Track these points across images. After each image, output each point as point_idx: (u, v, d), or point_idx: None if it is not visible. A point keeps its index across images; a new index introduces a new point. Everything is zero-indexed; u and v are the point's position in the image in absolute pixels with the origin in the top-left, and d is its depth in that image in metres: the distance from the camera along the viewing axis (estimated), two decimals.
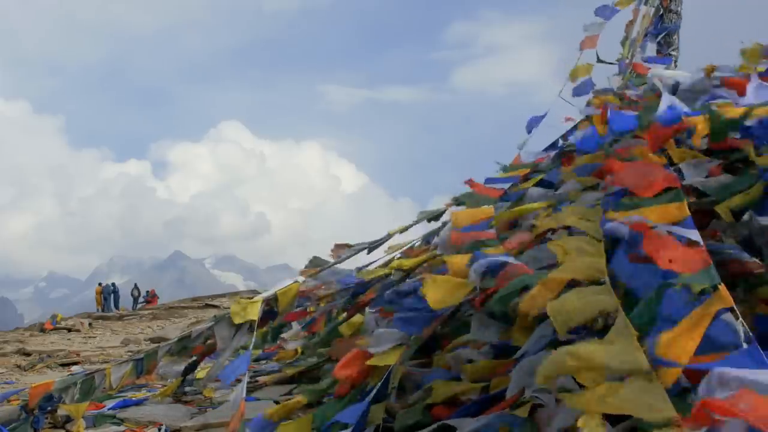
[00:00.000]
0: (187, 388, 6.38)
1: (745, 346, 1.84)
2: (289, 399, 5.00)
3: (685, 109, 3.38)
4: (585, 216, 2.81)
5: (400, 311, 3.50)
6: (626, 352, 1.79)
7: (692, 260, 2.12)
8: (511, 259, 2.81)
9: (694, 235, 2.26)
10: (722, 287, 1.96)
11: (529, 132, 6.46)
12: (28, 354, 13.62)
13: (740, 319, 1.87)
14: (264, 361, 8.07)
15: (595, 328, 2.22)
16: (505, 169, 4.81)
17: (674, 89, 4.12)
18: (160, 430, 4.89)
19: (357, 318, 5.65)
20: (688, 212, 2.44)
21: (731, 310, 1.90)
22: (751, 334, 1.85)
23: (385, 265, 4.92)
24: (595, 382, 1.77)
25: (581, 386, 1.82)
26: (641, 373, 1.72)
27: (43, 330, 20.94)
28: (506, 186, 4.41)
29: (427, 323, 3.36)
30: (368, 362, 3.20)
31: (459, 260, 3.06)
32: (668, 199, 2.57)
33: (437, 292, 2.90)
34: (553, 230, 3.11)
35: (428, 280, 2.98)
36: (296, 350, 7.81)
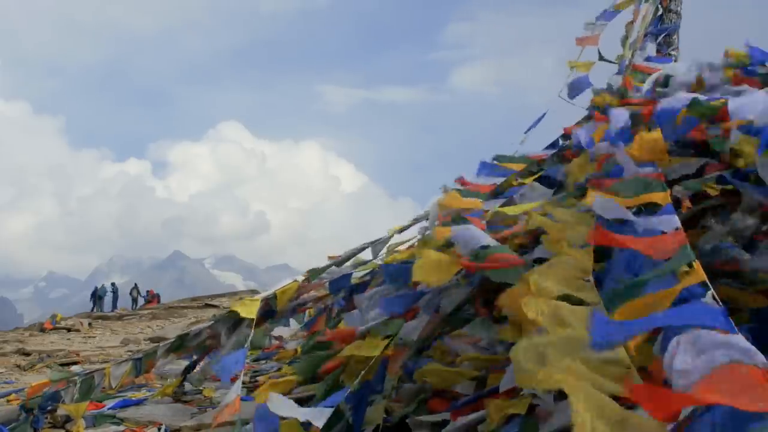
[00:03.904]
0: (187, 389, 6.38)
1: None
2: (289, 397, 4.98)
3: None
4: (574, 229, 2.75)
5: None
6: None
7: (669, 243, 2.09)
8: (494, 243, 2.70)
9: (674, 220, 2.24)
10: (697, 264, 1.90)
11: (536, 124, 6.46)
12: (27, 354, 13.62)
13: (711, 290, 1.80)
14: (264, 361, 8.07)
15: None
16: (499, 159, 4.68)
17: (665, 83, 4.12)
18: (160, 430, 4.89)
19: None
20: (669, 200, 2.41)
21: (704, 284, 1.81)
22: (721, 304, 1.73)
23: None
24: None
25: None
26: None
27: (42, 330, 20.92)
28: (498, 180, 4.33)
29: (409, 303, 3.29)
30: (353, 352, 3.12)
31: (444, 232, 2.99)
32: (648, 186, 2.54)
33: (425, 271, 2.83)
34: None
35: (417, 259, 2.89)
36: (296, 350, 7.82)
